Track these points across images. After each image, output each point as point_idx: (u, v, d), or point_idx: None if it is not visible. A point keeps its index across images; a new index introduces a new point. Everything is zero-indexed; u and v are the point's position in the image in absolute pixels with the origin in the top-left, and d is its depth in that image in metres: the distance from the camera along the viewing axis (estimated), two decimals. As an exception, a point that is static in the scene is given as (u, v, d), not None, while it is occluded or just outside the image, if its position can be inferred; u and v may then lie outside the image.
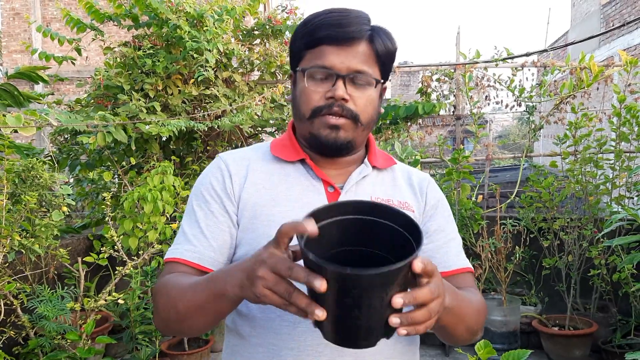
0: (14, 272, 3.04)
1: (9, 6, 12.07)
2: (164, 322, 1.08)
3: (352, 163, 1.23)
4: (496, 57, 4.36)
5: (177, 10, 4.30)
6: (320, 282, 0.75)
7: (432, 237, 1.21)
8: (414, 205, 1.22)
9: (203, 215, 1.16)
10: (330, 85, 1.12)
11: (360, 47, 1.12)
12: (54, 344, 2.87)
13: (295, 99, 1.19)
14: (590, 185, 4.05)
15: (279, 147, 1.24)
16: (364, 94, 1.13)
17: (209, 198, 1.17)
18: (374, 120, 1.20)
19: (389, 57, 1.17)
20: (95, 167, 4.47)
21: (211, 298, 0.96)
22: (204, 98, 4.42)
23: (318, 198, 1.16)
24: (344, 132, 1.13)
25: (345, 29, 1.10)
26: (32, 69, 3.70)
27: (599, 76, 3.95)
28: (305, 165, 1.20)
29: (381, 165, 1.25)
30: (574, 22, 13.27)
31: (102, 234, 3.99)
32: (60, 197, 3.10)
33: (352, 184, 1.19)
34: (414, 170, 1.33)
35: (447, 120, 4.81)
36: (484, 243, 3.99)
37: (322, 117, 1.12)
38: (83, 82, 4.68)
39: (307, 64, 1.15)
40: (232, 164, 1.20)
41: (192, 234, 1.14)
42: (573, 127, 4.05)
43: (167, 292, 1.06)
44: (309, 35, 1.14)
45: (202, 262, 1.11)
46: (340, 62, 1.11)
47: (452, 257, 1.21)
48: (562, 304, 4.14)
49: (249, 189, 1.17)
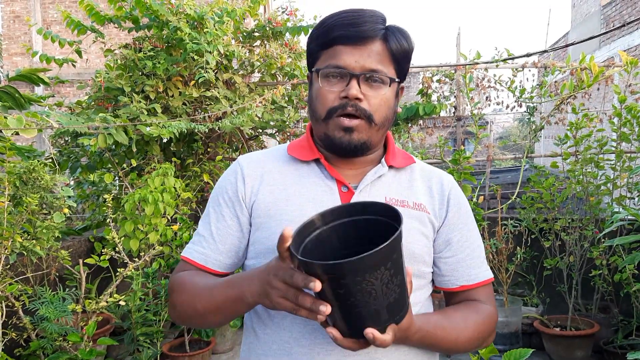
0: (15, 273, 3.04)
1: (9, 9, 12.06)
2: (181, 317, 1.19)
3: (369, 163, 1.23)
4: (496, 57, 4.35)
5: (178, 12, 4.30)
6: (315, 283, 0.86)
7: (455, 249, 1.23)
8: (429, 207, 1.22)
9: (215, 218, 1.22)
10: (344, 85, 1.13)
11: (374, 47, 1.13)
12: (55, 345, 2.87)
13: (312, 100, 1.19)
14: (591, 185, 4.05)
15: (296, 147, 1.25)
16: (378, 93, 1.14)
17: (222, 202, 1.22)
18: (390, 119, 1.19)
19: (404, 57, 1.17)
20: (96, 169, 4.47)
21: (230, 301, 1.07)
22: (205, 100, 4.42)
23: (331, 198, 1.17)
24: (358, 134, 1.13)
25: (359, 28, 1.11)
26: (32, 71, 3.70)
27: (599, 77, 3.94)
28: (320, 165, 1.21)
29: (399, 165, 1.24)
30: (575, 23, 13.27)
31: (103, 236, 3.99)
32: (61, 199, 3.10)
33: (366, 184, 1.19)
34: (436, 170, 1.32)
35: (447, 121, 4.80)
36: (485, 244, 3.98)
37: (336, 118, 1.13)
38: (84, 84, 4.69)
39: (322, 65, 1.16)
40: (247, 167, 1.23)
41: (203, 235, 1.23)
42: (574, 128, 4.05)
43: (185, 290, 1.16)
44: (324, 35, 1.15)
45: (207, 264, 1.20)
46: (354, 62, 1.12)
47: (473, 270, 1.24)
48: (563, 304, 4.13)
49: (264, 190, 1.19)
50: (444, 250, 1.22)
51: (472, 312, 1.18)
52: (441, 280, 1.23)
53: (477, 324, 1.16)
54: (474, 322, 1.16)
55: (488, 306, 1.22)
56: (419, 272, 1.17)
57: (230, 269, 1.23)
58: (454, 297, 1.24)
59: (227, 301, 1.07)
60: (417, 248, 1.17)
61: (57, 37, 4.66)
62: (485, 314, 1.19)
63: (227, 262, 1.21)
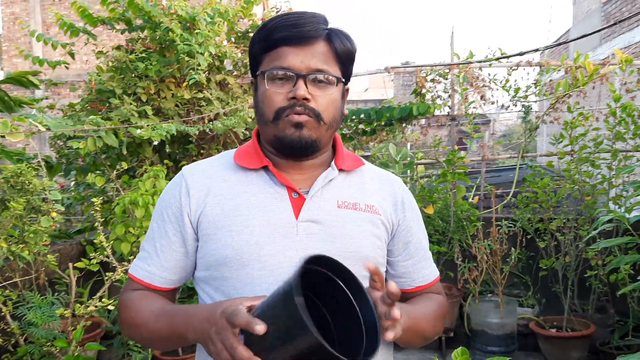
0: (3, 278, 3.03)
1: (9, 10, 12.10)
2: (132, 338, 1.24)
3: (318, 167, 1.22)
4: (490, 57, 4.32)
5: (169, 14, 4.28)
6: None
7: (412, 252, 1.27)
8: (381, 209, 1.22)
9: (159, 234, 1.21)
10: (291, 86, 1.11)
11: (318, 47, 1.12)
12: (43, 351, 2.85)
13: (258, 104, 1.18)
14: (586, 185, 4.01)
15: (242, 155, 1.23)
16: (326, 93, 1.13)
17: (165, 217, 1.21)
18: (337, 120, 1.19)
19: (348, 58, 1.17)
20: (89, 172, 4.45)
21: (174, 336, 1.09)
22: (197, 101, 4.40)
23: (282, 205, 1.16)
24: (308, 130, 1.12)
25: (302, 28, 1.10)
26: (22, 74, 3.68)
27: (594, 75, 3.91)
28: (269, 172, 1.19)
29: (349, 167, 1.24)
30: (576, 20, 13.21)
31: (94, 239, 3.98)
32: (50, 203, 3.08)
33: (317, 188, 1.18)
34: (386, 173, 1.32)
35: (442, 120, 4.77)
36: (479, 245, 3.95)
37: (285, 117, 1.12)
38: (76, 87, 4.67)
39: (266, 67, 1.14)
40: (192, 179, 1.21)
41: (147, 252, 1.22)
42: (569, 127, 4.01)
43: (130, 316, 1.17)
44: (266, 38, 1.14)
45: (153, 282, 1.20)
46: (300, 62, 1.11)
47: (427, 270, 1.30)
48: (560, 305, 4.09)
49: (211, 201, 1.17)
50: (402, 254, 1.26)
51: (428, 300, 1.27)
52: (397, 282, 1.25)
53: (436, 308, 1.26)
54: (433, 308, 1.25)
55: (439, 295, 1.31)
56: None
57: (177, 284, 1.23)
58: (408, 296, 1.28)
59: (173, 334, 1.09)
60: (370, 251, 1.18)
61: (49, 39, 4.64)
62: (440, 300, 1.29)
63: (173, 278, 1.21)
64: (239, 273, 1.11)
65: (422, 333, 1.18)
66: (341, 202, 1.18)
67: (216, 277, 1.14)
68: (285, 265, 1.10)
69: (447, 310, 1.31)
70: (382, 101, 5.03)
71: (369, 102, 18.34)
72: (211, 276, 1.16)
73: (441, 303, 1.29)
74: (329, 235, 1.14)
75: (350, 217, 1.17)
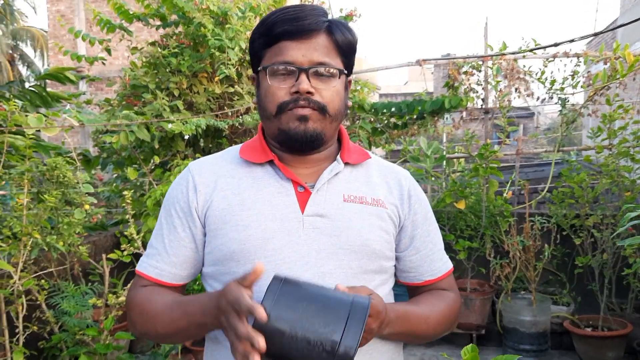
0: (39, 268, 3.13)
1: (55, 8, 12.45)
2: (142, 335, 1.20)
3: (324, 160, 1.21)
4: (524, 48, 4.20)
5: (202, 9, 4.32)
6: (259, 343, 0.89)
7: (419, 246, 1.24)
8: (387, 203, 1.21)
9: (167, 230, 1.21)
10: (293, 80, 1.11)
11: (319, 40, 1.12)
12: (75, 339, 2.94)
13: (261, 99, 1.18)
14: (626, 180, 3.88)
15: (248, 150, 1.23)
16: (329, 86, 1.12)
17: (173, 212, 1.21)
18: (342, 112, 1.18)
19: (350, 49, 1.16)
20: (125, 165, 4.56)
21: (193, 326, 1.08)
22: (229, 96, 4.44)
23: (287, 199, 1.15)
24: (313, 123, 1.12)
25: (302, 21, 1.10)
26: (59, 70, 3.79)
27: (634, 66, 3.76)
28: (274, 167, 1.19)
29: (354, 161, 1.23)
30: (624, 8, 12.72)
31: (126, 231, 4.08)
32: (82, 195, 3.17)
33: (323, 182, 1.17)
34: (393, 166, 1.31)
35: (475, 114, 4.68)
36: (512, 241, 3.87)
37: (289, 111, 1.11)
38: (113, 82, 4.78)
39: (267, 62, 1.14)
40: (199, 175, 1.21)
41: (156, 249, 1.22)
42: (607, 120, 3.88)
43: (143, 311, 1.16)
44: (267, 33, 1.13)
45: (162, 278, 1.19)
46: (301, 56, 1.10)
47: (438, 263, 1.27)
48: (596, 303, 3.98)
49: (217, 196, 1.17)
50: (409, 247, 1.24)
51: (436, 298, 1.23)
52: (406, 276, 1.26)
53: (443, 308, 1.21)
54: (439, 307, 1.21)
55: (451, 292, 1.27)
56: (380, 267, 1.18)
57: (187, 280, 1.23)
58: (418, 290, 1.27)
59: (191, 325, 1.08)
60: (377, 244, 1.16)
61: (87, 35, 4.75)
62: (450, 299, 1.25)
63: (182, 274, 1.21)
64: (245, 268, 1.11)
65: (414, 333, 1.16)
66: (347, 196, 1.17)
67: (223, 272, 1.15)
68: (291, 259, 1.10)
69: (458, 306, 1.27)
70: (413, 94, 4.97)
71: (408, 95, 18.15)
72: (219, 271, 1.16)
73: (450, 301, 1.25)
74: (335, 230, 1.13)
75: (356, 210, 1.16)
